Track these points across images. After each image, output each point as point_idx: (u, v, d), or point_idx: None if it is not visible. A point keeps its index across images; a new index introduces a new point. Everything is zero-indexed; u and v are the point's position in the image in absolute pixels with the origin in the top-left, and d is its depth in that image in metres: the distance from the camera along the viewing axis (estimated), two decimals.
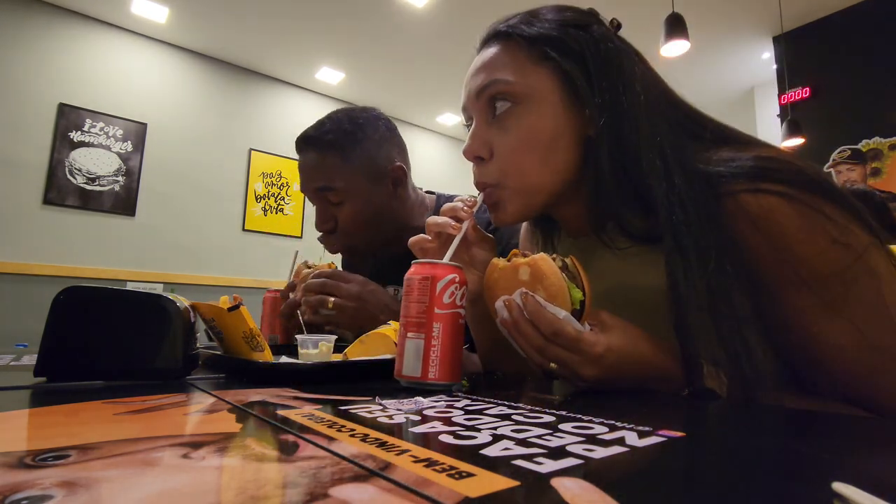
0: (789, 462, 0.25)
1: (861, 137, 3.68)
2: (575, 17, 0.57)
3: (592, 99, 0.54)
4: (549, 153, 0.55)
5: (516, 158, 0.56)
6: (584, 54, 0.54)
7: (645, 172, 0.51)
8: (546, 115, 0.55)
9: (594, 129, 0.54)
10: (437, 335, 0.48)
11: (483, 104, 0.58)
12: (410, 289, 0.50)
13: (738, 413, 0.42)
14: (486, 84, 0.57)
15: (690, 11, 3.23)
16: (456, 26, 4.21)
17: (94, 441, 0.26)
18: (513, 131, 0.55)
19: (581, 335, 0.46)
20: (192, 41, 4.45)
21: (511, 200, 0.58)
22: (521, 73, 0.55)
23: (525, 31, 0.56)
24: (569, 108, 0.55)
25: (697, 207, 0.48)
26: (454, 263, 0.51)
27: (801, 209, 0.45)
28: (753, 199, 0.46)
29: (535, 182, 0.56)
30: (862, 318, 0.44)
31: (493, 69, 0.57)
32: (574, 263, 0.50)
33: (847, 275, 0.44)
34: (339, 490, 0.19)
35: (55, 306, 0.50)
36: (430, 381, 0.47)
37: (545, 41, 0.55)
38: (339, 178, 0.92)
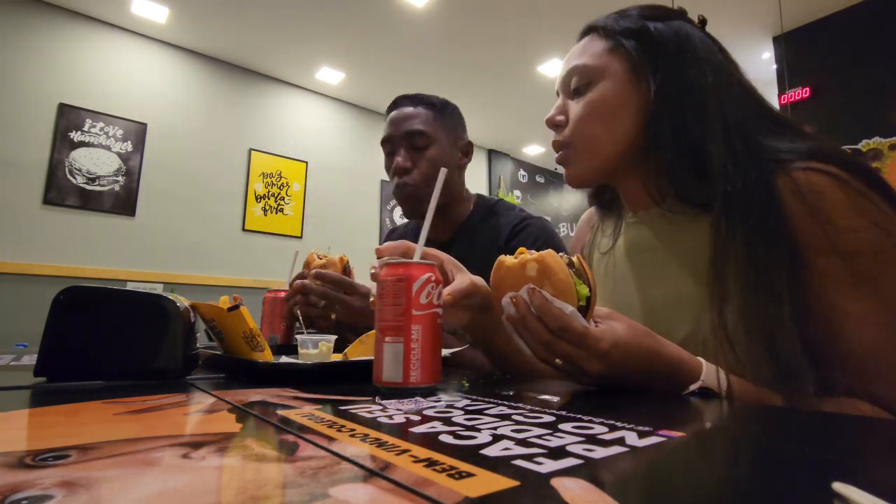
0: (789, 462, 0.25)
1: (861, 137, 3.68)
2: (657, 13, 0.67)
3: (653, 76, 0.61)
4: (613, 121, 0.63)
5: (584, 124, 0.65)
6: (656, 42, 0.63)
7: (706, 139, 0.57)
8: (611, 91, 0.64)
9: (655, 106, 0.61)
10: (416, 338, 0.47)
11: (566, 86, 0.68)
12: (384, 292, 0.48)
13: (738, 413, 0.42)
14: (570, 68, 0.67)
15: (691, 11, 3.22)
16: (456, 26, 4.21)
17: (94, 441, 0.26)
18: (584, 102, 0.65)
19: (588, 330, 0.47)
20: (192, 41, 4.45)
21: (578, 160, 0.67)
22: (597, 58, 0.65)
23: (607, 24, 0.67)
24: (636, 85, 0.63)
25: (750, 176, 0.52)
26: (428, 262, 0.50)
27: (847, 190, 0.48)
28: (804, 176, 0.50)
29: (599, 145, 0.65)
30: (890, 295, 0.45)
31: (577, 56, 0.68)
32: (580, 261, 0.51)
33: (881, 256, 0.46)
34: (339, 490, 0.19)
35: (55, 306, 0.50)
36: (412, 386, 0.46)
37: (621, 32, 0.65)
38: (431, 126, 1.09)
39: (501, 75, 4.92)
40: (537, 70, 4.76)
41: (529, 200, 7.19)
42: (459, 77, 4.99)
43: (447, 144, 1.10)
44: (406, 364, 0.46)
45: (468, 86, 5.13)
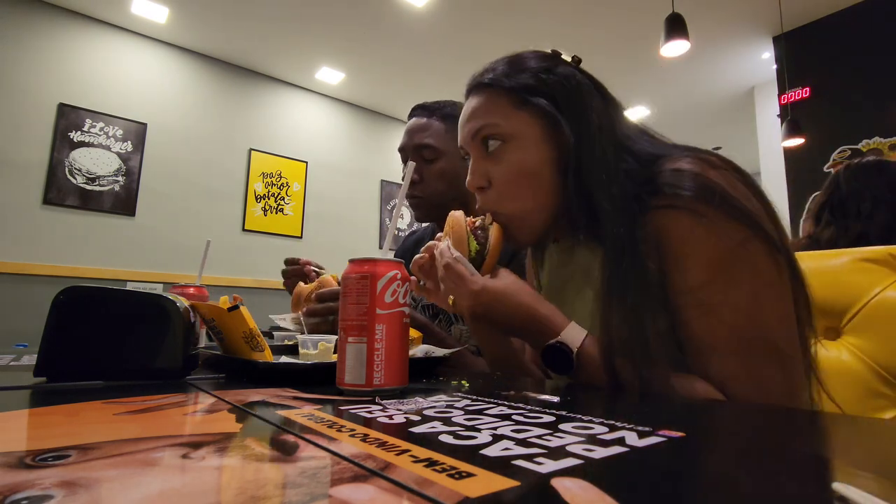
0: (790, 462, 0.25)
1: (861, 137, 3.68)
2: (542, 63, 0.68)
3: (565, 132, 0.64)
4: (537, 180, 0.65)
5: (510, 186, 0.66)
6: (555, 95, 0.65)
7: (592, 188, 0.61)
8: (530, 149, 0.65)
9: (566, 156, 0.64)
10: (380, 338, 0.45)
11: (478, 143, 0.68)
12: (348, 289, 0.47)
13: (738, 413, 0.43)
14: (479, 128, 0.67)
15: (690, 11, 3.23)
16: (455, 26, 4.21)
17: (94, 441, 0.26)
18: (504, 164, 0.66)
19: (465, 271, 0.60)
20: (192, 41, 4.45)
21: (517, 233, 0.68)
22: (506, 117, 0.66)
23: (504, 82, 0.67)
24: (548, 141, 0.65)
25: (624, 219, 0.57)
26: (395, 259, 0.49)
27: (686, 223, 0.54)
28: (653, 217, 0.56)
29: (529, 205, 0.66)
30: (731, 320, 0.52)
31: (483, 115, 0.67)
32: (495, 229, 0.65)
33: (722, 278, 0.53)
34: (339, 490, 0.19)
35: (55, 306, 0.50)
36: (375, 388, 0.45)
37: (522, 89, 0.66)
38: (441, 140, 1.11)
39: None
40: None
41: None
42: (459, 77, 4.98)
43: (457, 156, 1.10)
44: (370, 365, 0.45)
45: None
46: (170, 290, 1.02)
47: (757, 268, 0.53)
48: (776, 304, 0.53)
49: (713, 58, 4.47)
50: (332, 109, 5.44)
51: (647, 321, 0.54)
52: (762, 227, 0.53)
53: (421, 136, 1.11)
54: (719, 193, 0.53)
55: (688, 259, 0.54)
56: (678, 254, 0.55)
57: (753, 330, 0.52)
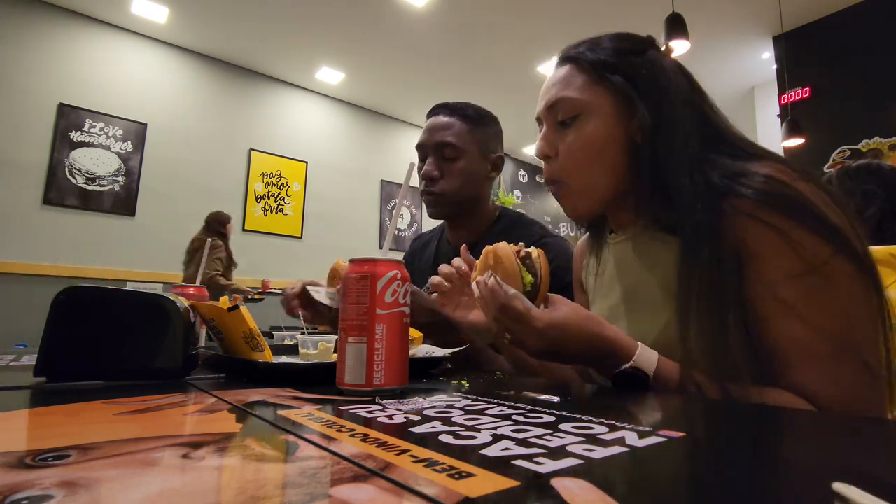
0: (790, 462, 0.25)
1: (861, 137, 3.68)
2: (632, 44, 0.69)
3: (639, 112, 0.64)
4: (602, 154, 0.66)
5: (576, 157, 0.67)
6: (635, 75, 0.66)
7: (673, 173, 0.61)
8: (600, 125, 0.66)
9: (640, 137, 0.65)
10: (380, 338, 0.45)
11: (552, 114, 0.70)
12: (348, 290, 0.47)
13: (738, 413, 0.43)
14: (556, 99, 0.69)
15: (690, 11, 3.23)
16: (455, 26, 4.21)
17: (94, 441, 0.26)
18: (573, 136, 0.67)
19: (528, 310, 0.55)
20: (193, 41, 4.45)
21: (575, 198, 0.69)
22: (582, 91, 0.67)
23: (588, 56, 0.68)
24: (620, 119, 0.66)
25: (708, 208, 0.57)
26: (395, 259, 0.49)
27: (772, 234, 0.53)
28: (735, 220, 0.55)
29: (593, 184, 0.67)
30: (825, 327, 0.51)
31: (561, 86, 0.69)
32: (539, 255, 0.62)
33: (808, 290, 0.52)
34: (339, 490, 0.19)
35: (55, 306, 0.50)
36: (375, 388, 0.44)
37: (603, 65, 0.67)
38: (462, 139, 1.12)
39: (501, 75, 4.92)
40: (537, 70, 4.76)
41: (530, 200, 7.19)
42: (459, 77, 4.99)
43: (477, 157, 1.14)
44: (370, 365, 0.44)
45: (468, 85, 5.13)
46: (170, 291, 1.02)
47: (842, 284, 0.51)
48: (863, 322, 0.51)
49: (713, 58, 4.47)
50: (332, 109, 5.44)
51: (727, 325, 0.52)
52: (849, 244, 0.52)
53: (443, 133, 1.12)
54: (807, 208, 0.52)
55: (772, 272, 0.53)
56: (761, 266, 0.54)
57: (843, 342, 0.51)
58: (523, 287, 0.58)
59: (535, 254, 0.62)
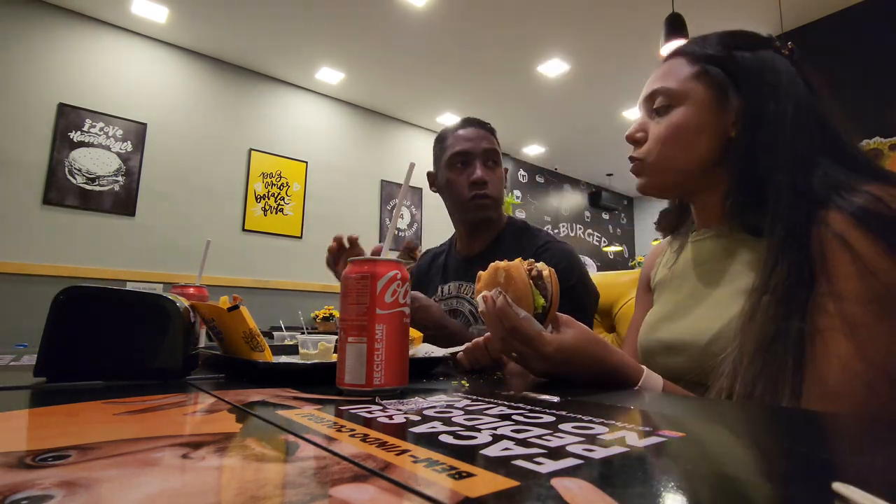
0: (790, 462, 0.25)
1: (862, 137, 3.68)
2: (742, 41, 0.69)
3: (737, 107, 0.64)
4: (690, 144, 0.67)
5: (662, 145, 0.69)
6: (739, 70, 0.66)
7: (770, 173, 0.60)
8: (692, 116, 0.67)
9: (735, 132, 0.65)
10: (380, 338, 0.45)
11: (648, 103, 0.72)
12: (348, 289, 0.47)
13: (738, 413, 0.42)
14: (654, 89, 0.71)
15: (690, 12, 3.23)
16: (456, 26, 4.21)
17: (93, 441, 0.26)
18: (664, 124, 0.69)
19: (538, 334, 0.55)
20: (192, 41, 4.45)
21: (651, 174, 0.71)
22: (680, 82, 0.69)
23: (694, 49, 0.70)
24: (715, 111, 0.66)
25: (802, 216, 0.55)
26: (395, 259, 0.49)
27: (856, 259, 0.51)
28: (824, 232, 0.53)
29: (672, 164, 0.69)
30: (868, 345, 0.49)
31: (663, 78, 0.71)
32: (550, 274, 0.60)
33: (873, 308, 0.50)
34: (339, 490, 0.19)
35: (55, 306, 0.50)
36: (375, 388, 0.45)
37: (706, 58, 0.68)
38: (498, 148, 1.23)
39: (501, 75, 4.92)
40: (537, 70, 4.76)
41: (529, 200, 7.19)
42: (459, 77, 4.99)
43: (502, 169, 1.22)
44: (369, 365, 0.45)
45: (468, 86, 5.13)
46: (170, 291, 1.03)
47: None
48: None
49: None
50: (332, 109, 5.44)
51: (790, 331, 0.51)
52: None
53: (490, 143, 1.21)
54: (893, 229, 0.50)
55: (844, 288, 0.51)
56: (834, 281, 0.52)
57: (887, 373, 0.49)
58: (534, 309, 0.57)
59: (547, 272, 0.60)
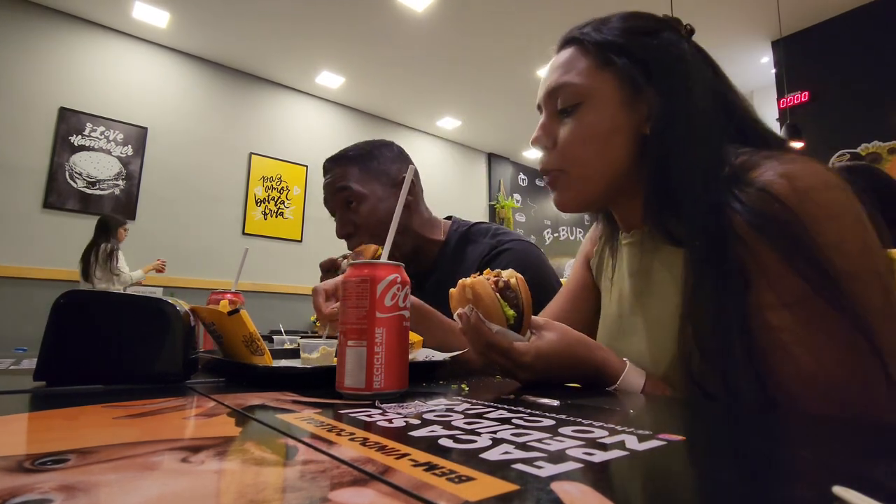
0: (790, 466, 0.25)
1: (860, 141, 3.69)
2: (644, 24, 0.63)
3: (649, 100, 0.59)
4: (606, 146, 0.61)
5: (575, 149, 0.62)
6: (647, 59, 0.60)
7: (682, 179, 0.56)
8: (605, 113, 0.60)
9: (648, 129, 0.59)
10: (380, 341, 0.45)
11: (552, 101, 0.64)
12: (348, 293, 0.47)
13: (738, 417, 0.42)
14: (556, 85, 0.63)
15: (689, 15, 3.24)
16: (455, 31, 4.23)
17: (93, 445, 0.26)
18: (574, 125, 0.62)
19: (511, 346, 0.54)
20: (193, 46, 4.47)
21: (570, 186, 0.64)
22: (586, 76, 0.61)
23: (593, 37, 0.62)
24: (627, 107, 0.60)
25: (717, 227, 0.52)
26: (394, 262, 0.49)
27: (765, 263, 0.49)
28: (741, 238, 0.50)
29: (591, 171, 0.62)
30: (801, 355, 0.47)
31: (563, 71, 0.63)
32: (518, 282, 0.59)
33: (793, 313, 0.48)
34: (339, 494, 0.19)
35: (55, 310, 0.50)
36: (375, 392, 0.44)
37: (610, 47, 0.61)
38: (356, 181, 1.05)
39: (501, 79, 4.94)
40: (536, 74, 4.77)
41: (529, 204, 7.20)
42: (459, 81, 5.00)
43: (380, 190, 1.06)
44: (369, 369, 0.44)
45: (467, 90, 5.14)
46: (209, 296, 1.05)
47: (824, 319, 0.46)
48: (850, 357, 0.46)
49: None
50: (332, 113, 5.45)
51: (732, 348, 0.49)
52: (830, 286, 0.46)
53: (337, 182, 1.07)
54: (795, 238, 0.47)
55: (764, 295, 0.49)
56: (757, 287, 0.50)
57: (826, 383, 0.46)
58: (507, 321, 0.56)
59: (514, 280, 0.59)
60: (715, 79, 0.61)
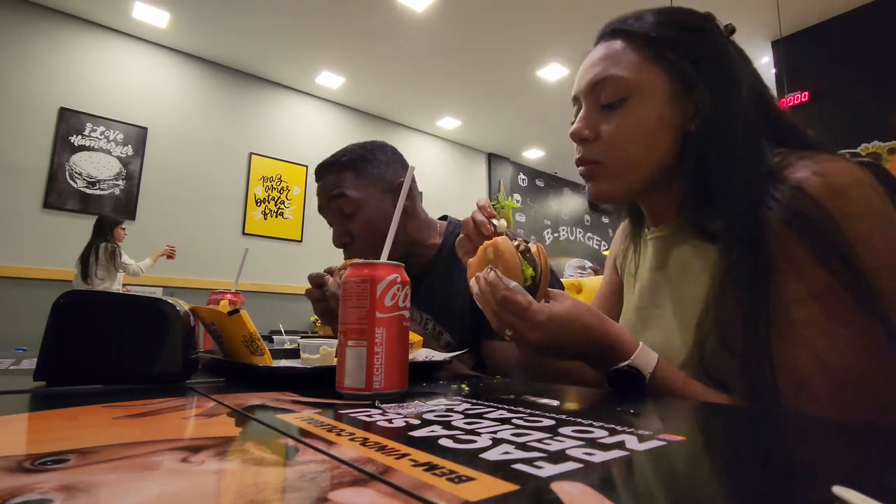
0: (789, 466, 0.25)
1: (860, 142, 3.69)
2: (691, 20, 0.62)
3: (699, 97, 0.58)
4: (651, 142, 0.60)
5: (621, 144, 0.60)
6: (697, 57, 0.59)
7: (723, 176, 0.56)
8: (652, 109, 0.59)
9: (695, 125, 0.59)
10: (380, 341, 0.45)
11: (594, 94, 0.62)
12: (348, 293, 0.47)
13: (738, 417, 0.42)
14: (602, 77, 0.61)
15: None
16: (455, 31, 4.23)
17: (93, 445, 0.26)
18: (621, 120, 0.60)
19: (528, 303, 0.53)
20: (193, 46, 4.47)
21: (609, 179, 0.63)
22: (635, 70, 0.60)
23: (643, 29, 0.61)
24: (675, 103, 0.59)
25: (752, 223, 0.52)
26: (394, 262, 0.49)
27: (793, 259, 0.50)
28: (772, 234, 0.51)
29: (634, 166, 0.61)
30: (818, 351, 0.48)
31: (609, 63, 0.61)
32: (538, 249, 0.59)
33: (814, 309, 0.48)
34: (339, 494, 0.19)
35: (55, 310, 0.50)
36: (375, 392, 0.44)
37: (662, 41, 0.59)
38: (352, 188, 1.01)
39: (501, 80, 4.94)
40: (537, 74, 4.77)
41: (529, 204, 7.20)
42: (459, 81, 5.00)
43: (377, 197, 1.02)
44: (369, 369, 0.44)
45: (467, 90, 5.14)
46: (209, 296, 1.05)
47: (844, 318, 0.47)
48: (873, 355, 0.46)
49: None
50: (332, 113, 5.45)
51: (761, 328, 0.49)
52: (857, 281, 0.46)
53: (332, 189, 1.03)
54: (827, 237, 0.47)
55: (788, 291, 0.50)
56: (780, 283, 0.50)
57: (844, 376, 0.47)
58: (524, 281, 0.56)
59: (535, 248, 0.59)
60: (755, 78, 0.61)
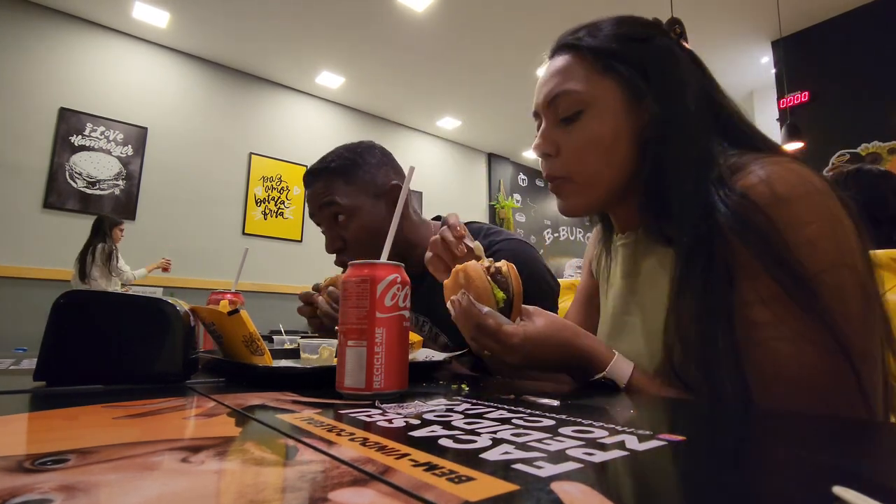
0: (790, 466, 0.25)
1: (860, 141, 3.69)
2: (637, 30, 0.63)
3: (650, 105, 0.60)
4: (610, 152, 0.61)
5: (580, 157, 0.62)
6: (644, 66, 0.60)
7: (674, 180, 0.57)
8: (608, 120, 0.61)
9: (650, 132, 0.60)
10: (380, 341, 0.45)
11: (553, 108, 0.64)
12: (348, 293, 0.47)
13: (739, 417, 0.42)
14: (556, 92, 0.63)
15: (689, 15, 3.24)
16: (455, 31, 4.23)
17: (93, 445, 0.26)
18: (578, 133, 0.62)
19: (500, 327, 0.54)
20: (193, 46, 4.47)
21: (576, 193, 0.65)
22: (587, 83, 0.61)
23: (591, 43, 0.62)
24: (629, 112, 0.61)
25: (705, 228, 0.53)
26: (394, 262, 0.49)
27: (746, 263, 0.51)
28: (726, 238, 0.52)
29: (598, 177, 0.63)
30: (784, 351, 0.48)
31: (563, 78, 0.63)
32: (509, 269, 0.60)
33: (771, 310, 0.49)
34: (339, 494, 0.19)
35: (55, 310, 0.50)
36: (375, 392, 0.44)
37: (609, 53, 0.61)
38: (342, 195, 0.99)
39: (500, 80, 4.94)
40: (536, 74, 4.77)
41: (529, 204, 7.20)
42: (459, 81, 5.00)
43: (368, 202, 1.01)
44: (369, 369, 0.44)
45: (467, 89, 5.14)
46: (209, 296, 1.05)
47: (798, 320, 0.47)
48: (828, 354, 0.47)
49: (712, 62, 4.42)
50: (332, 114, 5.45)
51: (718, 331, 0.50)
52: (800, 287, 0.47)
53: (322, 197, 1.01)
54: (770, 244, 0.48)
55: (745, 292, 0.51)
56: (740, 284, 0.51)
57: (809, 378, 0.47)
58: (496, 304, 0.57)
59: (506, 268, 0.60)
60: (704, 79, 0.63)
